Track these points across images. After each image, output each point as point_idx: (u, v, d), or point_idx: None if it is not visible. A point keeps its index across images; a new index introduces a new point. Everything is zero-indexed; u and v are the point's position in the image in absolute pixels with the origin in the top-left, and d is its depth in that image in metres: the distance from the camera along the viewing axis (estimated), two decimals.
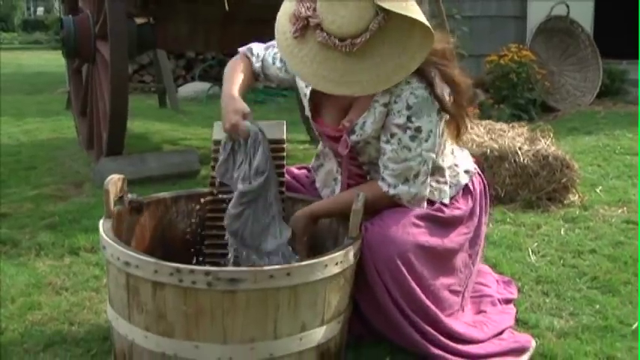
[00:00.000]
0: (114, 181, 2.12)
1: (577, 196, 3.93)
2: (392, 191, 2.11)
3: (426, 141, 2.08)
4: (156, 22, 4.70)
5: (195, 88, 9.79)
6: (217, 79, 11.09)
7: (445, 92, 2.10)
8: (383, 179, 2.13)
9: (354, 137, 2.16)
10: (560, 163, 3.85)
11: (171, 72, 9.02)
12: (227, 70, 2.34)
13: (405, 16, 1.86)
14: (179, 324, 1.79)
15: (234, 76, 2.25)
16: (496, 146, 3.88)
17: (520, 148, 3.88)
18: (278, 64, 2.32)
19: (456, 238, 2.24)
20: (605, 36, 8.56)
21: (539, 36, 8.00)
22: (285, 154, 2.34)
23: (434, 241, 2.14)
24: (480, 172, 2.49)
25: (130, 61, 10.02)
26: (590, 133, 6.27)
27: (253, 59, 2.36)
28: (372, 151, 2.18)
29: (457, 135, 2.22)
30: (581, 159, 4.94)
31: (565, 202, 3.87)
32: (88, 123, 5.05)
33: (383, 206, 2.14)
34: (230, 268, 1.80)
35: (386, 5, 1.84)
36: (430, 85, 2.06)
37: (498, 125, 4.35)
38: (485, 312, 2.42)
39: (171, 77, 8.25)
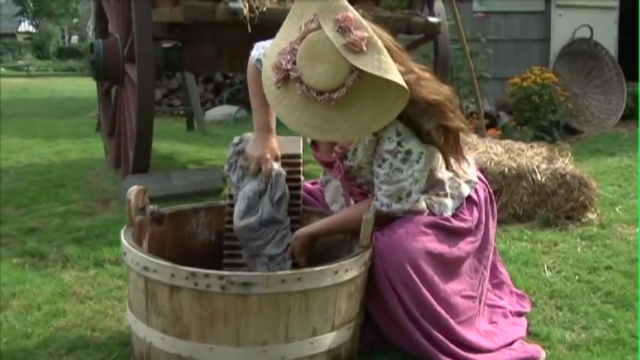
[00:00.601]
0: (136, 192, 2.20)
1: (595, 214, 3.94)
2: (386, 209, 2.17)
3: (417, 162, 2.13)
4: (182, 44, 4.82)
5: (222, 111, 9.91)
6: (244, 102, 11.23)
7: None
8: (377, 199, 2.18)
9: (347, 163, 2.24)
10: (578, 182, 3.87)
11: (200, 96, 9.17)
12: (251, 84, 2.41)
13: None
14: (194, 326, 1.86)
15: (264, 102, 2.21)
16: (514, 165, 3.91)
17: (538, 167, 3.91)
18: None
19: (464, 246, 2.29)
20: (629, 58, 8.55)
21: (562, 59, 8.02)
22: (301, 168, 2.41)
23: (442, 248, 2.19)
24: (484, 180, 2.53)
25: (159, 84, 10.33)
26: (612, 154, 6.26)
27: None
28: (367, 174, 2.25)
29: (446, 166, 2.25)
30: (602, 179, 4.94)
31: (583, 220, 3.88)
32: (115, 142, 5.18)
33: (382, 220, 2.19)
34: (243, 272, 1.87)
35: (359, 65, 1.86)
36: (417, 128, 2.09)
37: (517, 144, 4.38)
38: (496, 323, 2.45)
39: (199, 101, 8.39)
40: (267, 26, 4.34)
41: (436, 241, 2.18)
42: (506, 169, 3.87)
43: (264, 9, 3.97)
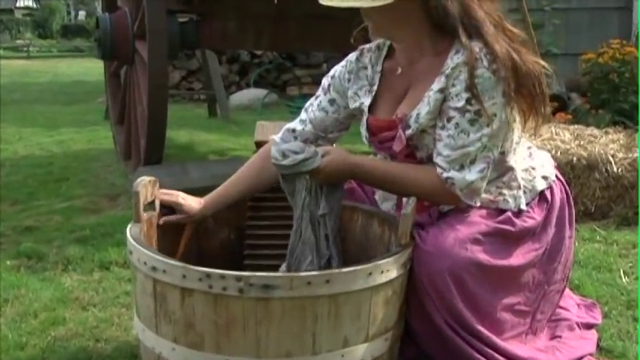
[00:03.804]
0: (144, 184, 2.21)
1: None
2: (444, 175, 2.14)
3: (488, 126, 2.11)
4: (200, 18, 4.87)
5: (249, 95, 9.99)
6: (275, 85, 11.32)
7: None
8: (437, 165, 2.16)
9: (409, 132, 2.22)
10: None
11: (223, 78, 9.25)
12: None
13: None
14: (209, 335, 1.88)
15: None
16: (584, 154, 3.88)
17: (613, 156, 3.87)
18: (329, 108, 2.43)
19: (525, 255, 2.25)
20: None
21: None
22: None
23: (497, 260, 2.15)
24: (562, 180, 2.51)
25: (176, 65, 10.43)
26: None
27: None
28: (431, 143, 2.22)
29: (524, 127, 2.25)
30: None
31: None
32: (125, 131, 5.25)
33: (439, 198, 2.19)
34: (263, 273, 1.88)
35: None
36: (493, 56, 2.10)
37: (588, 130, 4.35)
38: (560, 337, 2.43)
39: (222, 83, 8.46)
40: None
41: (490, 251, 2.15)
42: (574, 159, 3.85)
43: None
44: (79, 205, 4.34)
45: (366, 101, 2.35)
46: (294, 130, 2.43)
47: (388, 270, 1.95)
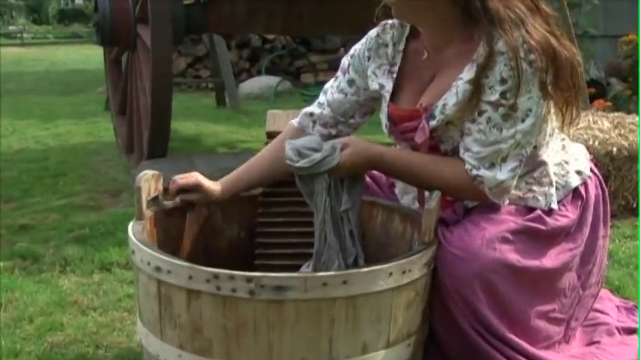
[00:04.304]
0: (147, 178, 2.21)
1: None
2: (474, 173, 2.13)
3: (523, 121, 2.10)
4: (208, 0, 4.87)
5: (260, 83, 10.00)
6: (288, 73, 11.33)
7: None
8: (465, 161, 2.16)
9: (433, 123, 2.21)
10: None
11: (232, 64, 9.27)
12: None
13: None
14: (217, 340, 1.89)
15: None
16: (625, 144, 3.87)
17: None
18: (348, 89, 2.43)
19: (559, 255, 2.23)
20: None
21: None
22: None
23: (529, 261, 2.13)
24: (598, 175, 2.50)
25: (182, 51, 10.45)
26: None
27: (311, 127, 2.45)
28: (456, 135, 2.21)
29: (562, 121, 2.25)
30: None
31: None
32: (127, 122, 5.28)
33: (464, 194, 2.19)
34: (276, 274, 1.88)
35: None
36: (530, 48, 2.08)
37: (629, 118, 4.32)
38: (598, 343, 2.42)
39: (231, 71, 8.48)
40: None
41: (521, 250, 2.13)
42: (614, 150, 3.83)
43: None
44: (78, 202, 4.37)
45: (387, 85, 2.33)
46: (312, 114, 2.44)
47: (410, 270, 1.94)
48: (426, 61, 2.28)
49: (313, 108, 2.45)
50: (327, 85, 2.49)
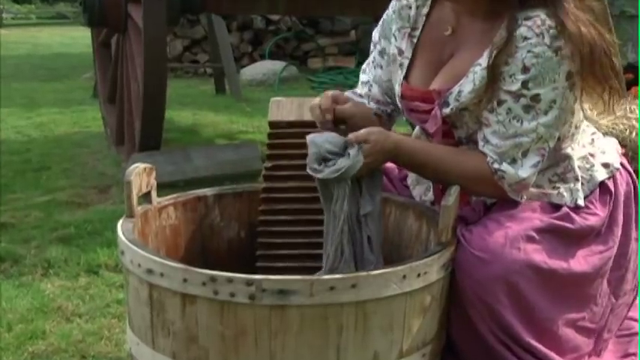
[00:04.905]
0: (138, 172, 2.21)
1: None
2: (496, 165, 2.14)
3: (546, 114, 2.11)
4: None
5: (264, 68, 10.00)
6: (294, 57, 11.33)
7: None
8: (483, 152, 2.17)
9: (446, 111, 2.22)
10: None
11: (233, 48, 9.27)
12: None
13: None
14: (214, 349, 1.89)
15: None
16: None
17: None
18: (382, 61, 2.45)
19: (588, 258, 2.22)
20: None
21: None
22: None
23: (555, 262, 2.13)
24: (630, 170, 2.49)
25: (178, 33, 10.44)
26: None
27: (366, 101, 2.48)
28: (471, 122, 2.23)
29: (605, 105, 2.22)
30: None
31: None
32: (117, 111, 5.28)
33: (481, 188, 2.19)
34: (279, 276, 1.89)
35: None
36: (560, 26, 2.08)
37: None
38: (634, 356, 2.42)
39: (232, 55, 8.48)
40: None
41: (547, 250, 2.13)
42: None
43: None
44: (62, 198, 4.38)
45: (407, 51, 2.35)
46: (361, 96, 2.47)
47: (426, 272, 1.95)
48: (448, 38, 2.29)
49: (360, 89, 2.48)
50: (364, 65, 2.52)
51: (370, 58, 2.50)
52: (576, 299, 2.22)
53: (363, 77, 2.50)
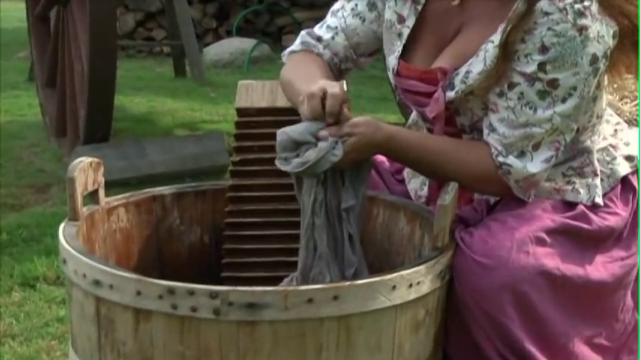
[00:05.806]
0: (83, 167, 2.21)
1: None
2: (501, 158, 2.15)
3: (563, 102, 2.12)
4: None
5: (231, 47, 10.00)
6: (266, 34, 11.33)
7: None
8: (489, 144, 2.18)
9: (451, 94, 2.23)
10: None
11: (195, 23, 9.26)
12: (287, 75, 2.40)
13: None
14: None
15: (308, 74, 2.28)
16: None
17: None
18: (367, 14, 2.43)
19: (607, 265, 2.24)
20: None
21: None
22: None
23: (570, 268, 2.15)
24: None
25: (130, 6, 10.42)
26: None
27: (320, 48, 2.46)
28: (477, 108, 2.24)
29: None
30: None
31: None
32: (58, 96, 5.27)
33: (484, 185, 2.21)
34: (248, 287, 1.89)
35: None
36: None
37: None
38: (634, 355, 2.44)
39: (194, 32, 8.47)
40: None
41: (561, 255, 2.14)
42: None
43: None
44: None
45: (409, 19, 2.35)
46: (319, 39, 2.45)
47: (419, 282, 1.96)
48: (456, 8, 2.28)
49: (322, 31, 2.46)
50: (336, 6, 2.48)
51: (349, 4, 2.45)
52: (592, 312, 2.24)
53: (331, 20, 2.46)
